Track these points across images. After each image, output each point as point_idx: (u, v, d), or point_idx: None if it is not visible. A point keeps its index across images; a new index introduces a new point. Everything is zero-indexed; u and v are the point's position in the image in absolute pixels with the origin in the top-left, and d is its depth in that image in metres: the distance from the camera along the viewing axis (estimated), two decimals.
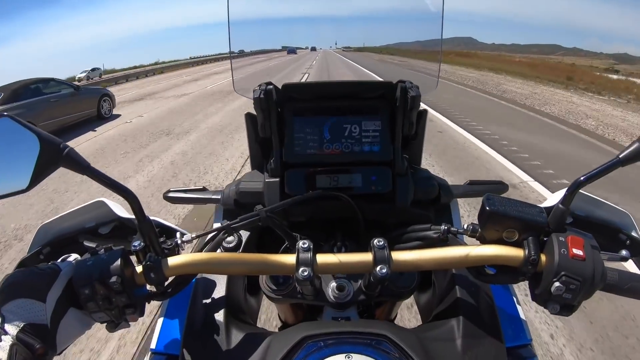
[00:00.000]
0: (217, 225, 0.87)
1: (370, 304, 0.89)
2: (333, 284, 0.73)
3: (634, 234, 0.71)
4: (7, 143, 0.57)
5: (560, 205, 0.59)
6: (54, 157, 0.55)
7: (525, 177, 4.96)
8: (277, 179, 0.82)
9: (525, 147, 6.19)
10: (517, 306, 0.75)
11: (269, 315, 2.28)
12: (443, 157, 5.72)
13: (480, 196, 0.85)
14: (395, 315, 1.01)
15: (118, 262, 0.56)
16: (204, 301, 0.72)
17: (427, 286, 0.86)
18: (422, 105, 0.83)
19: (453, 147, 6.31)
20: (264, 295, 0.77)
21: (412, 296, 0.79)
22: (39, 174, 0.55)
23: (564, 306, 0.57)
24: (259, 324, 0.87)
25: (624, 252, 0.65)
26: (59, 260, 0.63)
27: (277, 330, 0.95)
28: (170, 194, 0.98)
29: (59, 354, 0.56)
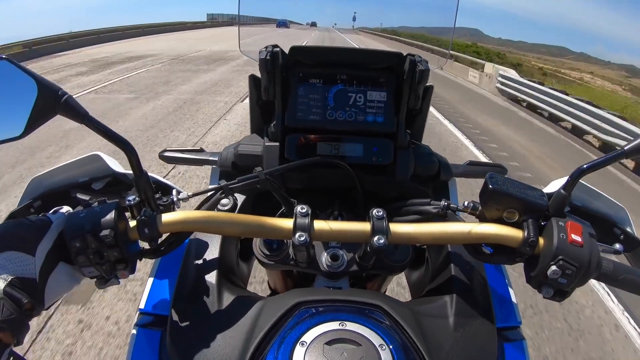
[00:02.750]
0: (213, 186, 0.86)
1: (362, 276, 0.89)
2: (326, 254, 0.72)
3: (628, 229, 0.71)
4: (4, 86, 0.55)
5: (562, 191, 0.59)
6: (51, 103, 0.54)
7: None
8: (277, 144, 0.81)
9: None
10: (509, 288, 0.75)
11: (258, 281, 2.28)
12: None
13: (479, 177, 0.85)
14: (385, 290, 1.01)
15: (112, 214, 0.54)
16: (196, 262, 0.71)
17: (420, 263, 0.86)
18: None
19: None
20: (256, 261, 0.76)
21: (402, 272, 0.79)
22: (35, 121, 0.53)
23: (558, 291, 0.57)
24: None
25: (617, 246, 0.66)
26: (50, 212, 0.62)
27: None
28: (167, 154, 0.96)
29: (46, 309, 0.55)
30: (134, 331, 0.66)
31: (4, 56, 0.54)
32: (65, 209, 0.65)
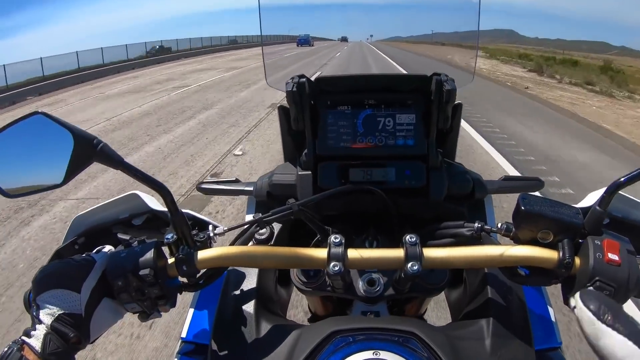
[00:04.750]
0: (249, 216, 0.89)
1: (400, 298, 0.88)
2: (363, 279, 0.72)
3: None
4: (42, 139, 0.58)
5: (597, 207, 0.57)
6: (87, 152, 0.56)
7: None
8: (310, 172, 0.82)
9: None
10: (549, 308, 0.73)
11: (298, 306, 2.30)
12: None
13: (515, 192, 0.83)
14: (425, 311, 1.00)
15: (151, 254, 0.58)
16: (235, 292, 0.73)
17: (459, 283, 0.85)
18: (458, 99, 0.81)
19: None
20: (295, 287, 0.78)
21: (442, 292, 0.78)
22: (73, 169, 0.56)
23: None
24: (289, 315, 0.88)
25: None
26: (94, 252, 0.65)
27: (306, 321, 0.95)
28: (204, 185, 0.99)
29: (92, 343, 0.58)
30: (177, 359, 0.69)
31: (39, 111, 0.58)
32: (108, 248, 0.68)
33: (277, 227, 0.83)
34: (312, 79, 0.83)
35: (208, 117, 8.50)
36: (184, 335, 0.71)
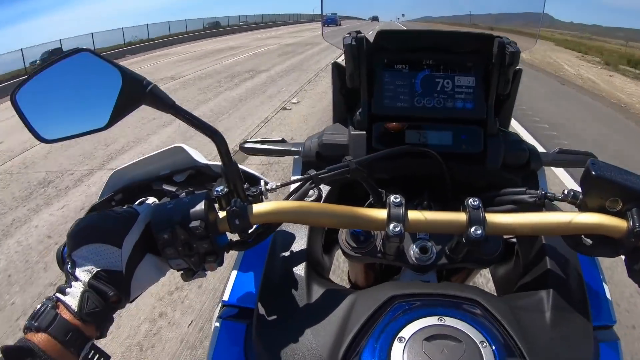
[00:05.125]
0: (295, 178, 0.85)
1: (449, 269, 0.85)
2: (415, 246, 0.69)
3: None
4: (86, 78, 0.56)
5: None
6: (137, 93, 0.53)
7: None
8: (364, 132, 0.79)
9: None
10: (604, 284, 0.70)
11: (336, 274, 2.23)
12: None
13: (570, 166, 0.79)
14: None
15: (202, 205, 0.53)
16: (283, 254, 0.69)
17: (508, 257, 0.81)
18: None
19: None
20: (338, 253, 0.75)
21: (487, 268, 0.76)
22: (120, 111, 0.54)
23: None
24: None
25: None
26: (136, 204, 0.61)
27: None
28: (247, 145, 0.96)
29: (131, 302, 0.55)
30: (217, 324, 0.66)
31: (85, 48, 0.55)
32: (152, 200, 0.65)
33: (325, 190, 0.79)
34: (370, 36, 0.80)
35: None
36: (225, 298, 0.68)
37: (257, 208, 0.56)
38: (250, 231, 0.58)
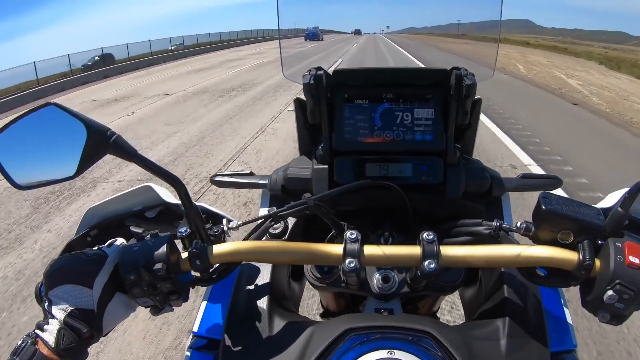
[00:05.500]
0: (263, 210, 0.88)
1: (414, 296, 0.87)
2: (378, 275, 0.72)
3: None
4: (55, 130, 0.58)
5: (619, 209, 0.56)
6: (101, 144, 0.55)
7: None
8: (326, 166, 0.81)
9: None
10: (565, 309, 0.72)
11: (310, 301, 2.29)
12: None
13: (533, 190, 0.82)
14: (438, 308, 0.99)
15: (164, 248, 0.57)
16: (248, 287, 0.72)
17: (473, 281, 0.84)
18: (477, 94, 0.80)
19: None
20: (308, 283, 0.77)
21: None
22: (86, 161, 0.56)
23: (615, 315, 0.54)
24: (301, 310, 0.88)
25: None
26: (106, 245, 0.64)
27: (319, 317, 0.94)
28: (217, 178, 0.98)
29: (104, 336, 0.59)
30: (188, 353, 0.69)
31: (52, 102, 0.57)
32: (120, 241, 0.67)
33: (291, 221, 0.82)
34: (330, 71, 0.81)
35: None
36: (195, 329, 0.71)
37: (217, 249, 0.60)
38: (212, 269, 0.62)
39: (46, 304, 0.54)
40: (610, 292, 0.51)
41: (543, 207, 0.56)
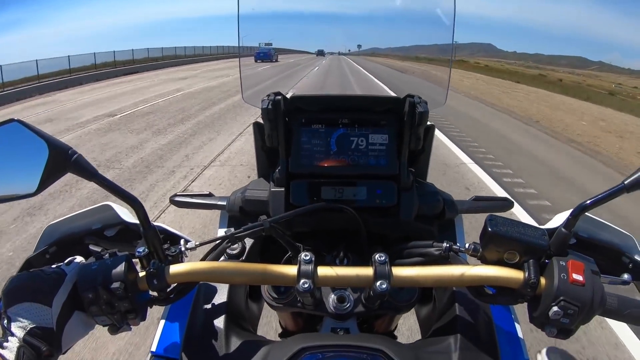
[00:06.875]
0: (221, 230, 0.89)
1: (370, 315, 0.89)
2: (333, 295, 0.73)
3: (637, 257, 0.71)
4: (17, 147, 0.58)
5: (562, 229, 0.60)
6: (62, 163, 0.56)
7: None
8: (282, 189, 0.82)
9: None
10: (517, 325, 0.76)
11: (270, 320, 2.27)
12: None
13: (484, 212, 0.85)
14: (395, 327, 1.01)
15: (122, 267, 0.58)
16: (205, 307, 0.74)
17: (428, 300, 0.86)
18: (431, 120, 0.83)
19: None
20: (265, 303, 0.79)
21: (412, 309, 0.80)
22: (47, 179, 0.56)
23: (562, 330, 0.57)
24: (260, 330, 0.89)
25: (625, 276, 0.65)
26: (65, 263, 0.64)
27: (277, 336, 0.95)
28: (177, 198, 0.99)
29: (63, 354, 0.58)
30: None
31: (15, 118, 0.58)
32: (79, 259, 0.67)
33: (249, 242, 0.83)
34: (288, 96, 0.83)
35: None
36: (153, 348, 0.71)
37: (173, 269, 0.61)
38: (170, 288, 0.63)
39: (5, 321, 0.54)
40: (555, 308, 0.55)
41: (489, 229, 0.59)
